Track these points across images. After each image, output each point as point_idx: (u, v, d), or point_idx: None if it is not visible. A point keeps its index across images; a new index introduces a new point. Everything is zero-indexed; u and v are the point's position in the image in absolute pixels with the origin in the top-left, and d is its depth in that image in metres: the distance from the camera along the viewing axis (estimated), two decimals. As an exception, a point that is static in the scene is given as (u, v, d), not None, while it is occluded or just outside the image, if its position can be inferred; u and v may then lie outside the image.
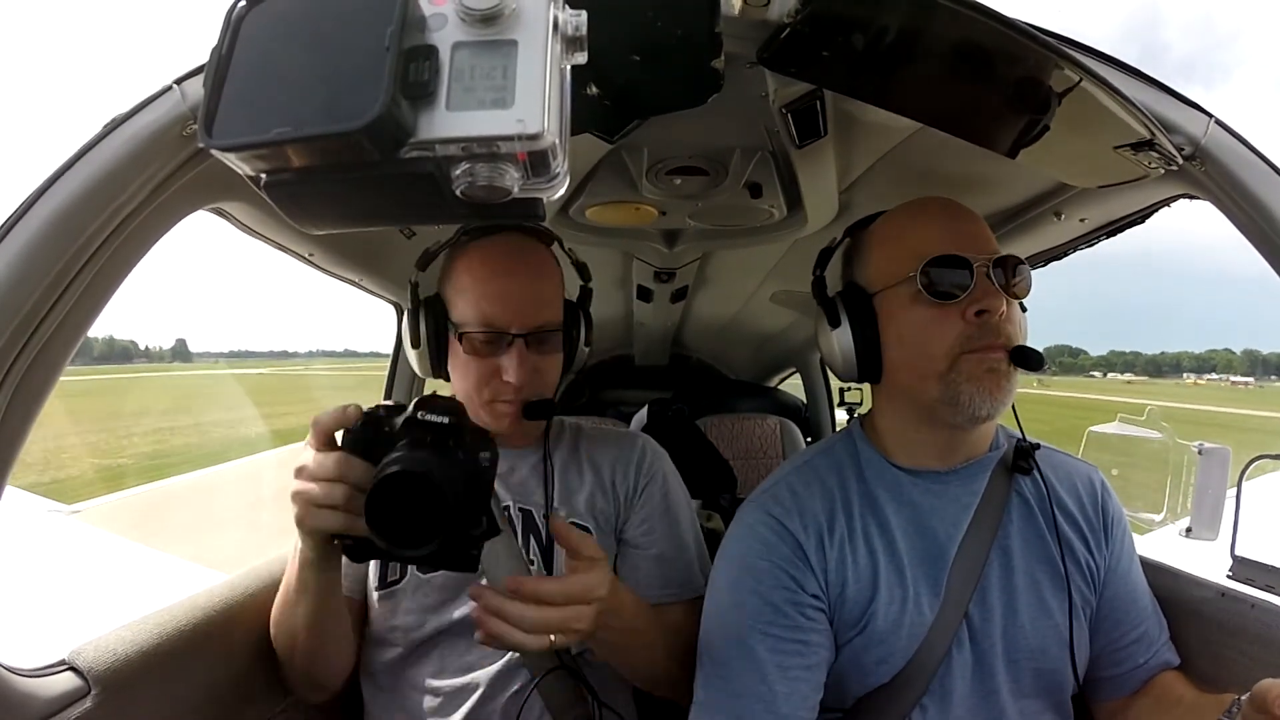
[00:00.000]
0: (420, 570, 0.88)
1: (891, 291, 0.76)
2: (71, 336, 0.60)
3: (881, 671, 0.75)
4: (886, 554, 0.76)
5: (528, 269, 0.87)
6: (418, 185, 0.33)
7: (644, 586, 0.91)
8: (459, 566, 0.60)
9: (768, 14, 0.58)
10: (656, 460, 0.99)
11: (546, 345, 0.87)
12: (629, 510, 0.94)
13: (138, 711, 0.72)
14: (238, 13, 0.34)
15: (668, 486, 0.97)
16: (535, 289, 0.87)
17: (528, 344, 0.85)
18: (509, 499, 0.92)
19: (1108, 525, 0.82)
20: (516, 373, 0.84)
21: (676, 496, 0.98)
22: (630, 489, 0.95)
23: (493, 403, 0.87)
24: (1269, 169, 0.62)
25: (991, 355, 0.71)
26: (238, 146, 0.32)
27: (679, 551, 0.94)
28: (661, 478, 0.97)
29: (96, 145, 0.56)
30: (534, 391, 0.87)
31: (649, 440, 1.01)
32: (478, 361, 0.86)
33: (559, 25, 0.33)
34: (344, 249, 1.12)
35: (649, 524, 0.94)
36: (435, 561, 0.60)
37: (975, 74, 0.62)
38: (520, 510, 0.91)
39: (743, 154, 0.96)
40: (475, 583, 0.86)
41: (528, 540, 0.90)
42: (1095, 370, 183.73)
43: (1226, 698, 0.66)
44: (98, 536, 2.69)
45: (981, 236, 0.75)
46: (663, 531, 0.94)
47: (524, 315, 0.85)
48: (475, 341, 0.85)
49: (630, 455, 0.97)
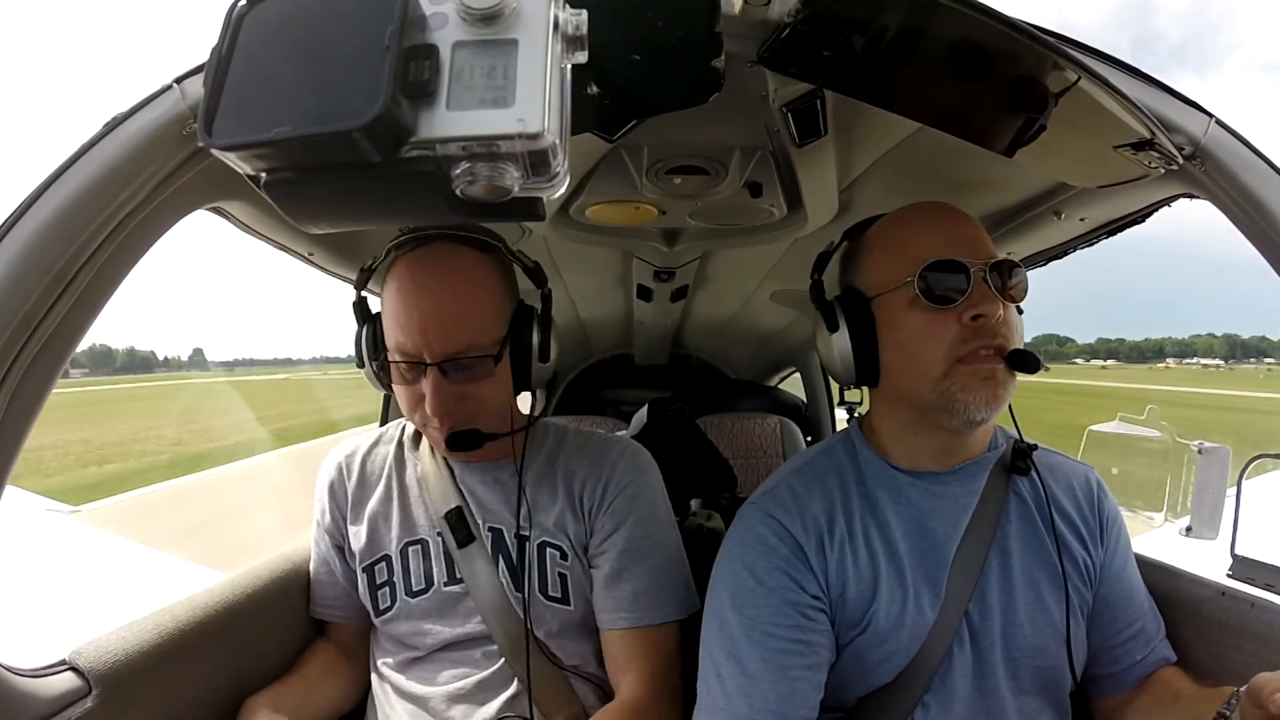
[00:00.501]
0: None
1: (889, 296, 0.76)
2: (71, 336, 0.60)
3: (884, 671, 0.75)
4: (887, 555, 0.77)
5: (445, 290, 0.80)
6: (418, 185, 0.33)
7: (600, 612, 0.89)
8: None
9: (768, 13, 0.58)
10: (629, 473, 0.92)
11: (471, 372, 0.81)
12: (592, 526, 0.90)
13: (138, 711, 0.72)
14: (238, 12, 0.34)
15: (636, 502, 0.91)
16: (453, 312, 0.80)
17: (445, 371, 0.80)
18: (480, 516, 0.90)
19: (1104, 524, 0.82)
20: (431, 402, 0.80)
21: (647, 512, 0.92)
22: (596, 503, 0.90)
23: (426, 427, 0.86)
24: (1269, 168, 0.62)
25: (987, 364, 0.72)
26: (238, 146, 0.32)
27: (644, 572, 0.89)
28: (631, 492, 0.91)
29: (96, 144, 0.56)
30: (460, 420, 0.82)
31: (627, 452, 0.95)
32: (407, 389, 0.83)
33: (559, 24, 0.33)
34: (344, 249, 1.12)
35: (608, 540, 0.89)
36: None
37: (975, 74, 0.62)
38: (490, 530, 0.89)
39: (743, 153, 0.96)
40: (466, 603, 0.88)
41: (496, 560, 0.88)
42: (1079, 357, 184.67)
43: (1225, 691, 0.66)
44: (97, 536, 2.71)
45: (978, 241, 0.76)
46: (622, 549, 0.89)
47: (437, 343, 0.79)
48: (399, 369, 0.82)
49: (601, 470, 0.92)
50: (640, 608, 0.88)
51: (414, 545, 0.91)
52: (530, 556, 0.88)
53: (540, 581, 0.88)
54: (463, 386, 0.81)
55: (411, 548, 0.91)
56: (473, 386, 0.82)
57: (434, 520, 0.91)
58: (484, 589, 0.87)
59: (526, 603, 0.86)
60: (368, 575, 0.92)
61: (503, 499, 0.91)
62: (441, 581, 0.89)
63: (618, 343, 2.62)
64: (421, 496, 0.93)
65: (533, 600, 0.87)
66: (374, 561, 0.92)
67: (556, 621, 0.89)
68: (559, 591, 0.89)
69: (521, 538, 0.88)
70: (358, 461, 0.97)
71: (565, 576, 0.89)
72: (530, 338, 0.85)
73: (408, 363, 0.81)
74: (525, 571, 0.87)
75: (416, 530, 0.92)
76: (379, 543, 0.92)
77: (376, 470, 0.96)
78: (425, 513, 0.92)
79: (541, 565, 0.89)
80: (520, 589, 0.87)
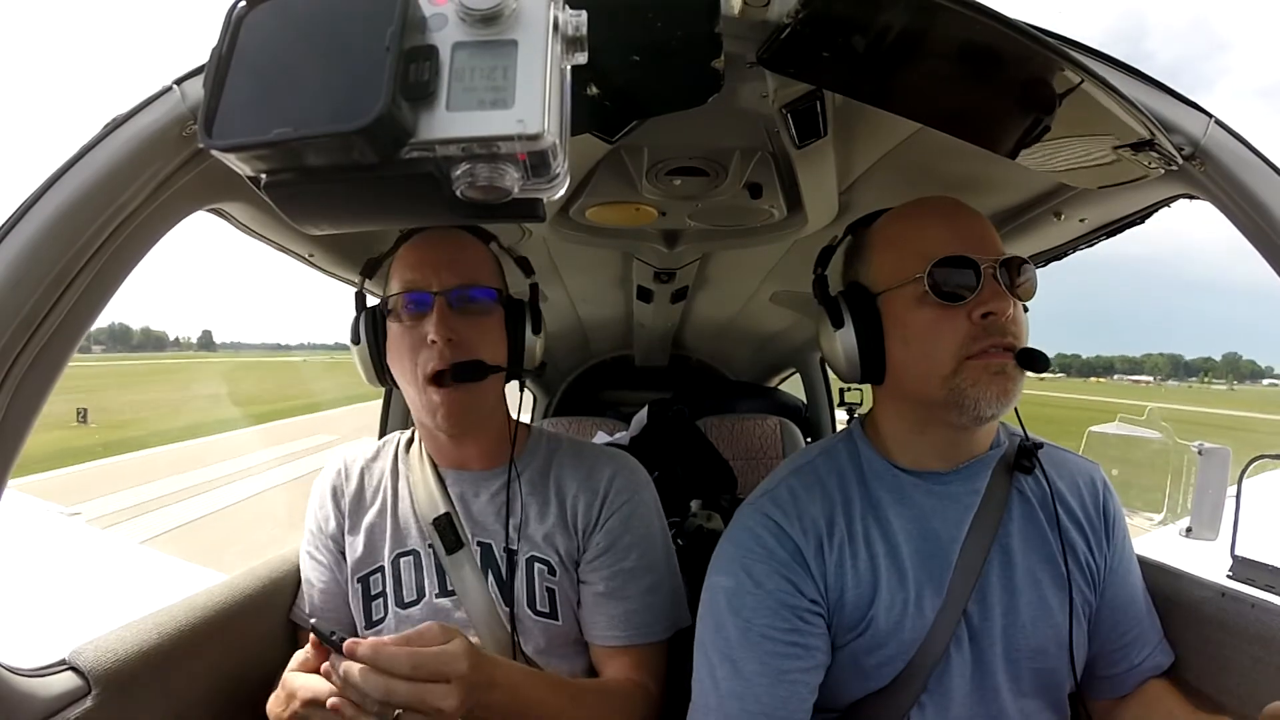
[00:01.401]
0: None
1: (896, 292, 0.75)
2: (71, 336, 0.60)
3: (882, 674, 0.75)
4: (888, 557, 0.76)
5: (450, 239, 0.89)
6: (418, 186, 0.33)
7: (589, 627, 0.89)
8: None
9: (768, 14, 0.57)
10: (624, 491, 0.92)
11: (471, 306, 0.85)
12: (585, 543, 0.90)
13: (138, 711, 0.72)
14: (238, 13, 0.34)
15: (631, 522, 0.91)
16: (456, 254, 0.87)
17: (451, 304, 0.84)
18: (469, 529, 0.90)
19: (1108, 525, 0.82)
20: (436, 328, 0.82)
21: (642, 532, 0.91)
22: (590, 522, 0.90)
23: (424, 380, 0.84)
24: (1269, 169, 0.62)
25: (998, 359, 0.71)
26: (237, 147, 0.32)
27: (638, 592, 0.89)
28: (626, 511, 0.91)
29: (96, 145, 0.56)
30: (461, 353, 0.83)
31: (622, 467, 0.95)
32: (405, 333, 0.85)
33: (559, 25, 0.33)
34: (344, 249, 1.12)
35: (601, 559, 0.89)
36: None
37: (975, 75, 0.62)
38: (479, 544, 0.89)
39: (742, 154, 0.96)
40: (458, 616, 0.87)
41: (485, 574, 0.88)
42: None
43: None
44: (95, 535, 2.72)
45: (988, 237, 0.75)
46: (615, 568, 0.89)
47: (443, 275, 0.85)
48: (399, 310, 0.85)
49: (596, 487, 0.91)
50: (632, 626, 0.88)
51: (405, 556, 0.90)
52: (519, 571, 0.88)
53: (528, 596, 0.88)
54: (462, 320, 0.84)
55: (404, 558, 0.90)
56: (471, 321, 0.85)
57: (424, 530, 0.90)
58: (475, 600, 0.87)
59: (513, 617, 0.86)
60: (362, 586, 0.91)
61: (492, 512, 0.90)
62: (433, 593, 0.89)
63: (618, 344, 2.62)
64: (412, 505, 0.92)
65: (520, 615, 0.87)
66: (369, 572, 0.91)
67: (544, 637, 0.88)
68: (547, 606, 0.88)
69: (510, 552, 0.88)
70: (356, 471, 0.97)
71: (554, 592, 0.89)
72: (523, 318, 0.91)
73: (411, 297, 0.84)
74: (513, 586, 0.87)
75: (408, 541, 0.91)
76: (374, 553, 0.92)
77: (374, 482, 0.96)
78: (416, 522, 0.91)
79: (530, 580, 0.88)
80: (508, 603, 0.87)
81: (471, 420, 0.88)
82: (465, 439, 0.91)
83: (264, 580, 0.95)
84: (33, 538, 2.48)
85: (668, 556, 0.94)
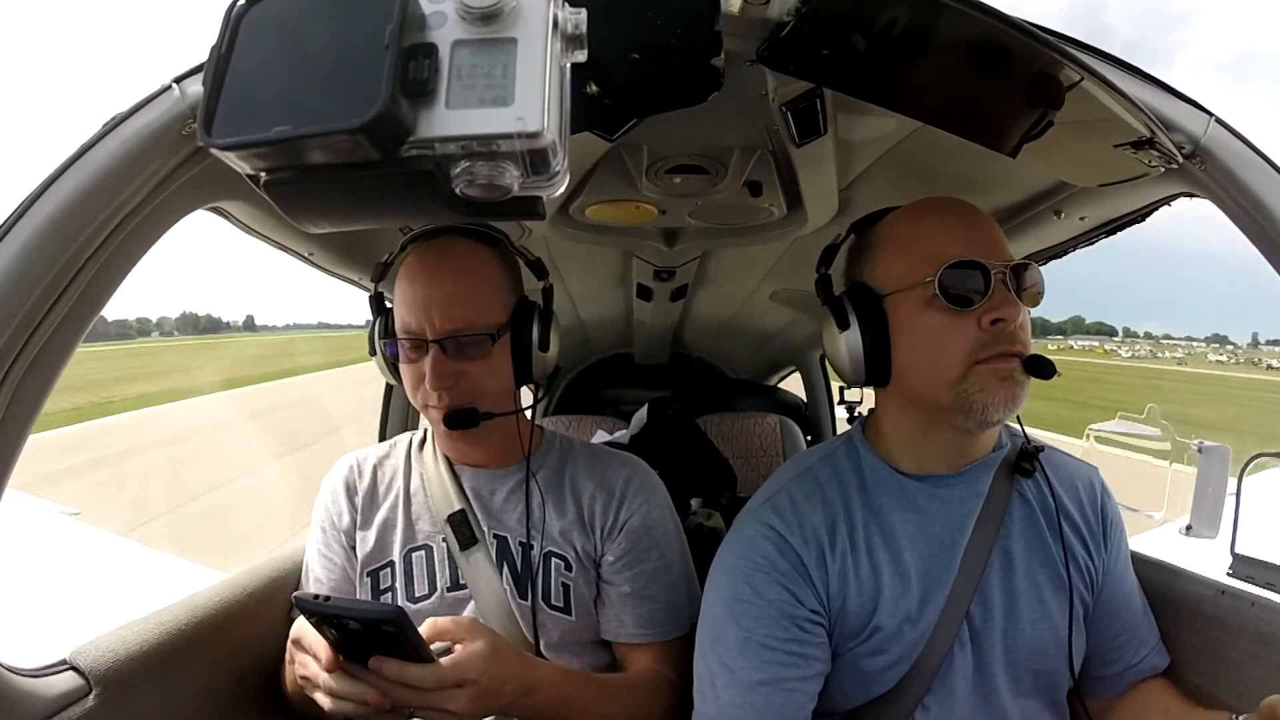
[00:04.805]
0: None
1: (904, 295, 0.74)
2: (71, 336, 0.60)
3: (886, 678, 0.75)
4: (891, 563, 0.76)
5: (447, 274, 0.85)
6: (417, 184, 0.33)
7: (615, 624, 0.91)
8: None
9: (768, 12, 0.57)
10: (640, 493, 0.94)
11: (468, 350, 0.85)
12: (605, 545, 0.92)
13: (138, 711, 0.72)
14: (237, 11, 0.34)
15: (649, 523, 0.93)
16: (455, 292, 0.84)
17: (445, 349, 0.84)
18: (485, 523, 0.91)
19: (1106, 527, 0.82)
20: (430, 378, 0.83)
21: (660, 533, 0.94)
22: (609, 525, 0.92)
23: (426, 408, 0.88)
24: (1269, 167, 0.62)
25: (1006, 364, 0.70)
26: (237, 145, 0.32)
27: (660, 590, 0.91)
28: (644, 512, 0.93)
29: (96, 145, 0.56)
30: (459, 399, 0.85)
31: (636, 469, 0.97)
32: (410, 368, 0.87)
33: (559, 23, 0.33)
34: (344, 248, 1.12)
35: (623, 560, 0.91)
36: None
37: (975, 72, 0.62)
38: (495, 537, 0.90)
39: (742, 152, 0.96)
40: (469, 609, 0.88)
41: (501, 568, 0.89)
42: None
43: (1218, 715, 0.66)
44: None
45: (997, 242, 0.74)
46: (638, 569, 0.91)
47: (438, 320, 0.83)
48: (404, 348, 0.86)
49: (612, 488, 0.93)
50: (657, 624, 0.91)
51: (417, 551, 0.91)
52: (535, 564, 0.89)
53: (544, 590, 0.89)
54: (461, 364, 0.85)
55: (415, 553, 0.91)
56: (470, 365, 0.85)
57: (437, 524, 0.91)
58: (487, 595, 0.87)
59: (534, 611, 0.87)
60: (372, 579, 0.91)
61: (510, 506, 0.92)
62: (445, 586, 0.89)
63: (618, 342, 2.62)
64: (426, 501, 0.93)
65: (536, 608, 0.87)
66: (379, 567, 0.92)
67: (557, 631, 0.89)
68: (561, 601, 0.89)
69: (526, 545, 0.89)
70: (369, 468, 0.97)
71: (569, 587, 0.89)
72: (531, 329, 0.88)
73: (411, 341, 0.85)
74: (530, 580, 0.88)
75: (419, 536, 0.92)
76: (385, 548, 0.92)
77: (388, 479, 0.97)
78: (429, 518, 0.92)
79: (545, 574, 0.89)
80: (524, 597, 0.87)
81: (480, 440, 0.91)
82: (478, 442, 0.93)
83: (265, 579, 0.95)
84: (33, 538, 2.48)
85: (683, 554, 0.97)
